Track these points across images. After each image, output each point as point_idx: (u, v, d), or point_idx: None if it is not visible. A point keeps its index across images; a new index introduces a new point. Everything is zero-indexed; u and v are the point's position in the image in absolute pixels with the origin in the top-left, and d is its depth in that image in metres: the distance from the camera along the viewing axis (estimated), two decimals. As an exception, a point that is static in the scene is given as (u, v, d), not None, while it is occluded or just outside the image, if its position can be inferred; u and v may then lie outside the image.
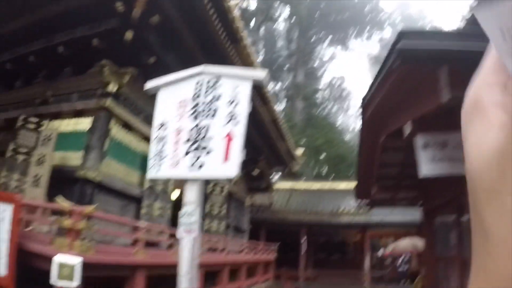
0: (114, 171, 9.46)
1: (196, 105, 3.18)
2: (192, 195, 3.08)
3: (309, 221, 22.28)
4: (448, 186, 5.12)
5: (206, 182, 14.55)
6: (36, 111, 10.28)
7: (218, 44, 9.82)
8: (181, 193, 13.93)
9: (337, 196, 26.07)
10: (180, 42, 9.68)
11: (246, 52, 11.02)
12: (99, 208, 8.68)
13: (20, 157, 8.56)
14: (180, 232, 3.03)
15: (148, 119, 9.97)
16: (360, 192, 7.31)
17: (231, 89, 2.99)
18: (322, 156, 39.78)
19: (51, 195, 6.25)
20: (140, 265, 7.76)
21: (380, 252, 24.34)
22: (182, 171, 3.11)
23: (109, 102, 9.24)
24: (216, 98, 3.05)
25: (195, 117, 3.15)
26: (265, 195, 22.10)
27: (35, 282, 6.06)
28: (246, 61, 11.11)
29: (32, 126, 8.76)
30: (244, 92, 2.93)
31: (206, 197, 14.54)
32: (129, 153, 10.07)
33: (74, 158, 9.13)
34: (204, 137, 3.03)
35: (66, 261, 5.33)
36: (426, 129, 3.41)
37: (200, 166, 2.97)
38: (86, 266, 5.85)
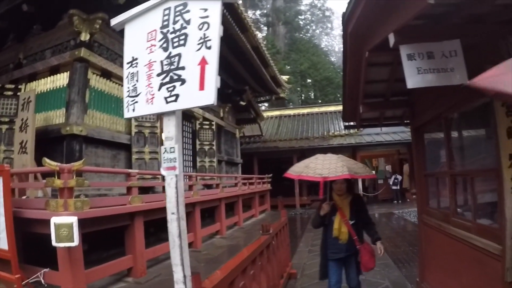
0: (99, 122, 9.45)
1: (166, 34, 2.98)
2: (170, 130, 2.95)
3: (301, 147, 22.45)
4: (436, 101, 5.02)
5: (192, 118, 14.51)
6: (12, 76, 10.32)
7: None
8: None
9: (326, 119, 26.20)
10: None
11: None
12: (90, 162, 8.69)
13: (4, 127, 8.46)
14: (162, 169, 2.93)
15: (118, 60, 10.08)
16: (347, 113, 7.19)
17: (200, 12, 2.78)
18: (309, 81, 39.46)
19: (40, 158, 6.12)
20: (137, 211, 7.77)
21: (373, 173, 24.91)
22: (157, 105, 2.95)
23: (83, 52, 8.99)
24: (186, 24, 2.84)
25: (166, 47, 2.96)
26: (255, 126, 22.16)
27: (38, 248, 6.08)
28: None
29: (9, 93, 8.59)
30: (215, 14, 2.72)
31: (194, 134, 14.54)
32: (112, 102, 9.98)
33: (57, 116, 9.12)
34: (177, 67, 2.84)
35: (62, 222, 5.28)
36: (411, 39, 3.26)
37: (176, 98, 2.81)
38: (83, 222, 5.92)
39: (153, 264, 8.47)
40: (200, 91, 2.67)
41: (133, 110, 3.15)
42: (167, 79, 2.89)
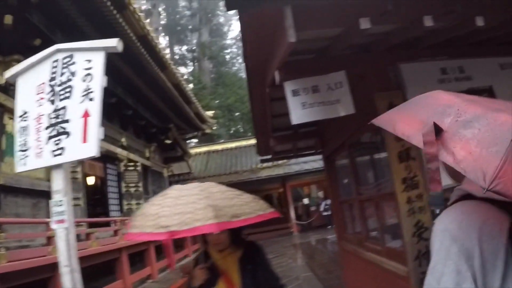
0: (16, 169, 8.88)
1: (53, 87, 2.97)
2: (58, 183, 2.93)
3: (230, 181, 22.29)
4: (339, 130, 5.19)
5: (116, 160, 14.19)
6: None
7: (105, 14, 9.28)
8: (97, 179, 13.64)
9: (254, 151, 26.32)
10: (66, 18, 9.08)
11: (136, 18, 10.55)
12: (10, 212, 8.28)
13: None
14: (52, 222, 2.88)
15: None
16: (261, 147, 7.28)
17: (84, 64, 2.81)
18: (237, 114, 39.74)
19: None
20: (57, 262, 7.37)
21: (305, 201, 25.16)
22: (45, 159, 2.93)
23: None
24: (71, 76, 2.86)
25: (53, 100, 2.95)
26: (183, 163, 21.93)
27: None
28: (137, 27, 10.66)
29: None
30: (97, 65, 2.75)
31: (119, 177, 14.20)
32: None
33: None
34: (62, 120, 2.85)
35: None
36: (297, 74, 3.36)
37: (62, 151, 2.81)
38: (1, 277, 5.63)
39: None
40: (84, 143, 2.68)
41: (24, 164, 3.09)
42: (54, 132, 2.87)
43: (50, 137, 2.90)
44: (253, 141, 27.83)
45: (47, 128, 2.94)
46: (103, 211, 13.61)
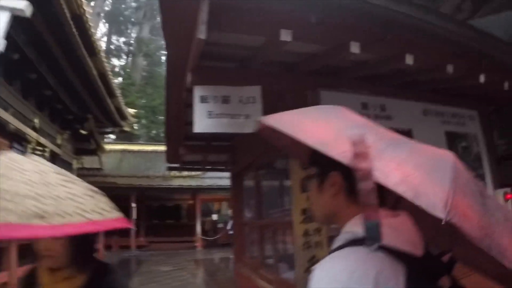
0: None
1: None
2: None
3: (140, 185, 21.62)
4: (250, 148, 4.98)
5: (23, 140, 13.27)
6: None
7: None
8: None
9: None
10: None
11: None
12: None
13: None
14: None
15: None
16: (169, 154, 6.95)
17: None
18: (161, 118, 38.95)
19: None
20: None
21: (214, 217, 24.79)
22: None
23: None
24: None
25: None
26: (95, 158, 21.06)
27: None
28: (74, 5, 10.01)
29: None
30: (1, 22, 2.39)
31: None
32: None
33: None
34: None
35: None
36: (209, 80, 3.11)
37: None
38: None
39: None
40: None
41: None
42: None
43: None
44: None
45: None
46: None
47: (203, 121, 3.02)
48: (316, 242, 3.30)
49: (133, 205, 20.67)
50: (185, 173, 21.48)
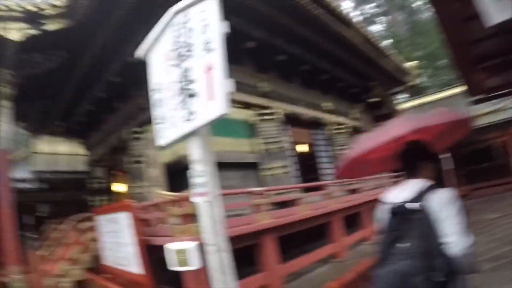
0: (224, 146, 9.55)
1: (177, 50, 2.87)
2: (196, 152, 2.78)
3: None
4: None
5: (323, 125, 14.11)
6: (138, 120, 10.84)
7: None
8: (306, 146, 13.89)
9: (465, 99, 23.63)
10: None
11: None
12: (220, 185, 8.74)
13: (136, 166, 9.64)
14: (193, 196, 2.74)
15: (240, 86, 10.08)
16: (469, 85, 6.14)
17: (200, 16, 2.60)
18: (440, 63, 36.85)
19: (175, 189, 6.93)
20: (265, 229, 7.66)
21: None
22: (180, 128, 2.85)
23: None
24: (190, 33, 2.70)
25: (178, 64, 2.85)
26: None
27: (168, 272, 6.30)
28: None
29: (138, 135, 9.93)
30: (212, 13, 2.50)
31: (328, 141, 14.18)
32: (234, 125, 10.13)
33: (183, 148, 9.26)
34: (189, 81, 2.73)
35: (180, 247, 5.40)
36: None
37: (192, 115, 2.68)
38: (203, 246, 5.94)
39: (294, 279, 8.26)
40: (212, 101, 2.51)
41: (163, 137, 3.13)
42: (183, 97, 2.80)
43: (180, 103, 2.82)
44: (462, 88, 24.87)
45: (177, 95, 2.87)
46: (315, 176, 13.77)
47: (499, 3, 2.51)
48: None
49: (447, 155, 19.56)
50: (487, 109, 19.26)
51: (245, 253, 7.65)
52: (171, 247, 5.46)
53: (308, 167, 14.14)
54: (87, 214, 10.24)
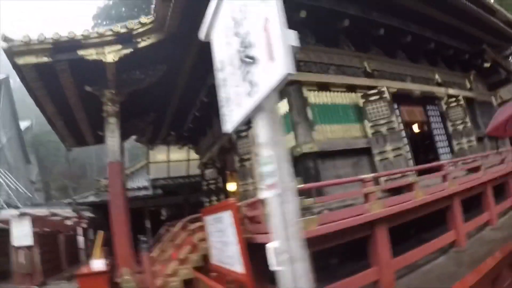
0: (330, 134, 9.21)
1: (234, 17, 2.50)
2: (264, 133, 2.26)
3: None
4: None
5: (435, 99, 13.04)
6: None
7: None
8: (419, 124, 13.02)
9: None
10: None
11: None
12: (329, 175, 8.68)
13: (244, 163, 10.00)
14: (263, 188, 2.17)
15: (341, 69, 10.16)
16: None
17: None
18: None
19: None
20: (376, 219, 7.15)
21: None
22: (244, 105, 2.43)
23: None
24: None
25: (237, 32, 2.45)
26: (510, 86, 19.23)
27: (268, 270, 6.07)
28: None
29: (243, 134, 10.36)
30: None
31: (443, 116, 13.14)
32: (338, 110, 9.72)
33: (288, 141, 8.93)
34: (248, 46, 2.30)
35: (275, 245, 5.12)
36: None
37: (255, 87, 2.22)
38: (309, 241, 5.64)
39: (408, 273, 7.62)
40: (273, 63, 2.03)
41: (230, 121, 2.78)
42: (243, 67, 2.39)
43: (242, 76, 2.42)
44: None
45: (238, 67, 2.48)
46: (432, 156, 12.97)
47: None
48: None
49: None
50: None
51: (355, 247, 7.29)
52: (271, 246, 5.14)
53: (423, 148, 13.49)
54: (197, 215, 10.45)
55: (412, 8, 10.74)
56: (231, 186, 15.41)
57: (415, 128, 14.73)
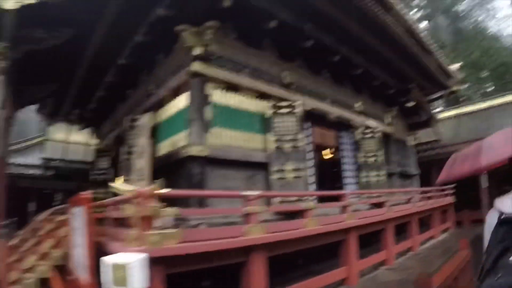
0: (227, 140, 8.12)
1: None
2: None
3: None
4: None
5: (351, 127, 12.48)
6: (144, 107, 10.31)
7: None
8: (329, 149, 12.38)
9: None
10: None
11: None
12: (217, 185, 7.59)
13: (127, 157, 9.21)
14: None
15: (256, 73, 9.17)
16: None
17: None
18: (485, 74, 34.90)
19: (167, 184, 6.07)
20: (253, 244, 6.13)
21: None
22: None
23: (197, 66, 8.01)
24: None
25: None
26: (429, 130, 19.37)
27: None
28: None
29: (133, 124, 9.41)
30: None
31: (356, 145, 12.58)
32: (242, 116, 8.67)
33: (180, 139, 8.13)
34: None
35: (120, 261, 3.97)
36: None
37: None
38: (165, 260, 4.73)
39: None
40: None
41: None
42: None
43: None
44: (508, 98, 23.14)
45: None
46: (338, 185, 12.43)
47: None
48: None
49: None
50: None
51: (226, 275, 6.35)
52: (108, 261, 4.00)
53: (330, 174, 13.05)
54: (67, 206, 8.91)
55: (347, 28, 9.94)
56: (119, 180, 13.94)
57: (325, 152, 14.19)
